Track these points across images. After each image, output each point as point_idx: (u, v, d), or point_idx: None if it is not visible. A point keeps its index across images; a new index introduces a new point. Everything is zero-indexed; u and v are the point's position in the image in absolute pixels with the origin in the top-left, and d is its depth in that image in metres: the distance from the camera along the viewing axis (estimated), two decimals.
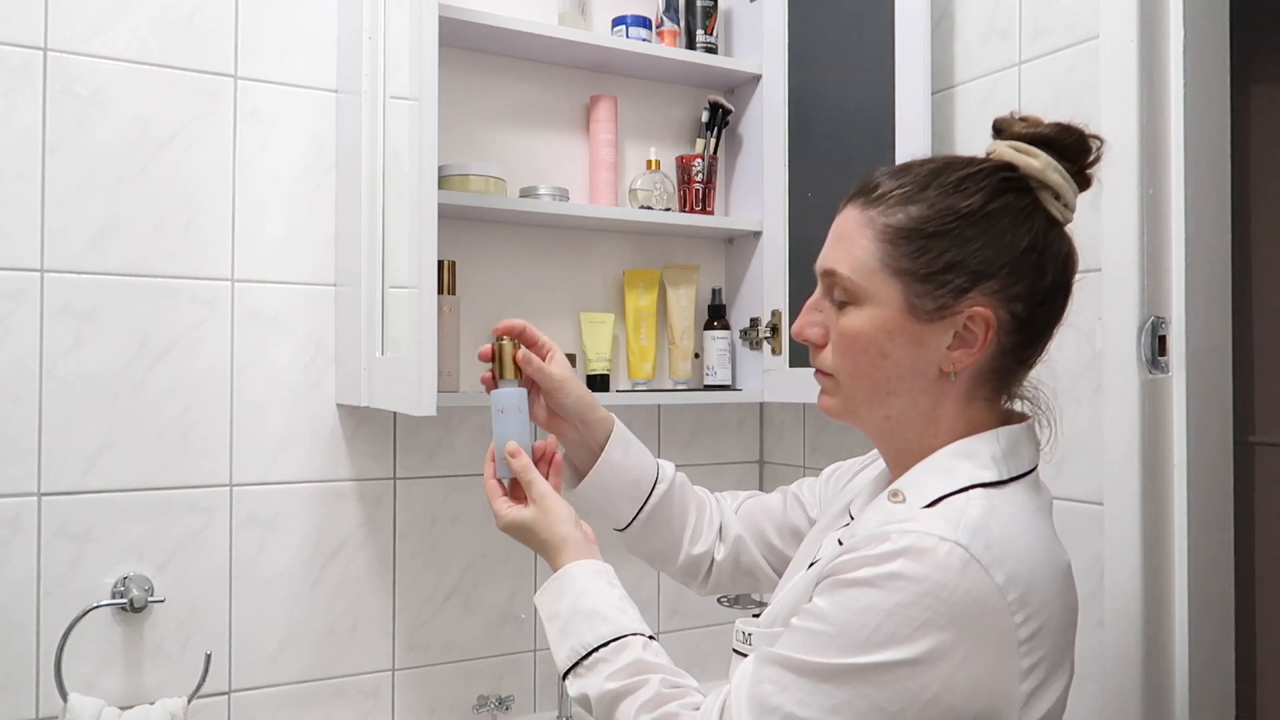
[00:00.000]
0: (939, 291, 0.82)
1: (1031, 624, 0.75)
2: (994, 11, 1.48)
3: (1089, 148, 0.86)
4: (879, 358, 0.85)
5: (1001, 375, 0.87)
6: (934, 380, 0.85)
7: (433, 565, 1.68)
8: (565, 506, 1.00)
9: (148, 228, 1.48)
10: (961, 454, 0.83)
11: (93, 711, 1.37)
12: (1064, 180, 0.84)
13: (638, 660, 0.86)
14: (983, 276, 0.82)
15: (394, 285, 1.42)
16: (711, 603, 1.89)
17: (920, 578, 0.73)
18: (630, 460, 1.10)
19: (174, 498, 1.50)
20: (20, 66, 1.40)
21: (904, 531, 0.76)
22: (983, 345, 0.83)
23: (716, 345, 1.84)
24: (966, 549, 0.74)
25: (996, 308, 0.83)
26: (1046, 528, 0.83)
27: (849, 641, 0.74)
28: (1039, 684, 0.76)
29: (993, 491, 0.81)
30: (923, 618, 0.73)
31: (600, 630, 0.89)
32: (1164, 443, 1.27)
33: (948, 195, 0.83)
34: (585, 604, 0.91)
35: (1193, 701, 1.25)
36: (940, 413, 0.86)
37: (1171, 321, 1.27)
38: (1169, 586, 1.26)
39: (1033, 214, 0.84)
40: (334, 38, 1.61)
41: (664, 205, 1.78)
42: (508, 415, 1.03)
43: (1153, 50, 1.27)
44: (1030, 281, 0.83)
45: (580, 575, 0.94)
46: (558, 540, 0.97)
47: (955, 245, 0.82)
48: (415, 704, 1.66)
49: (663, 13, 1.80)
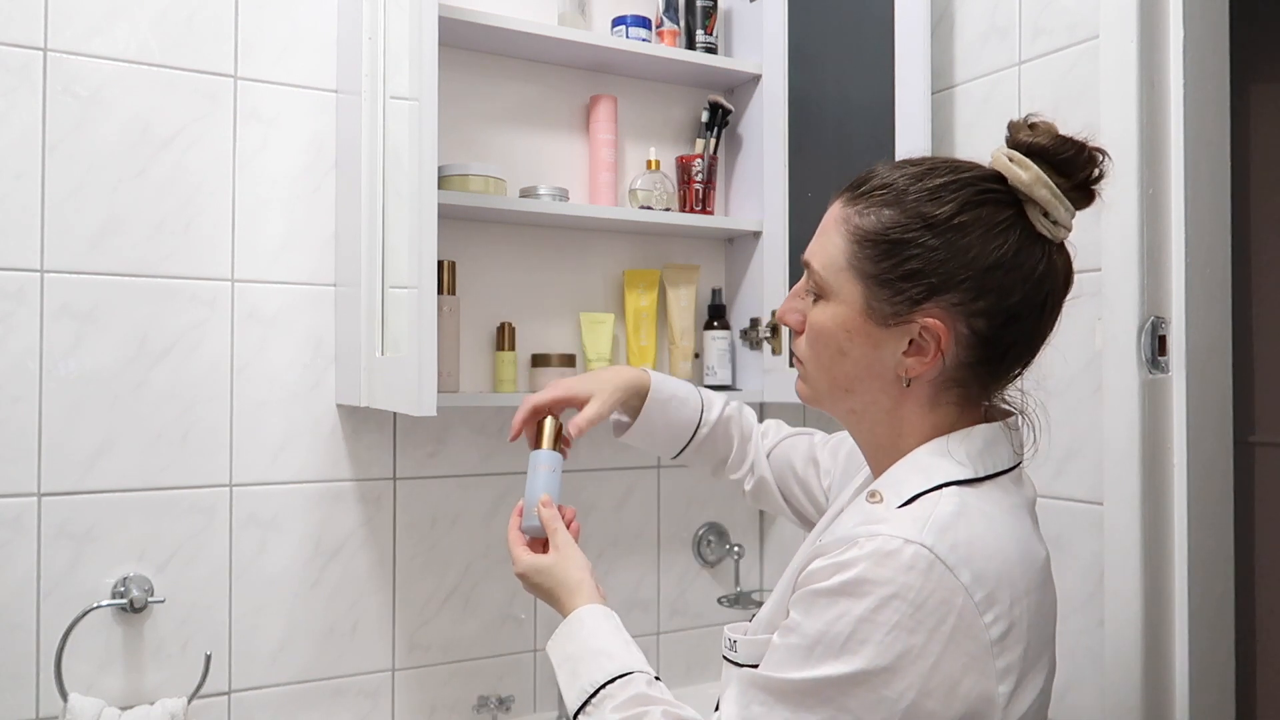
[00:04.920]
0: (896, 298, 0.82)
1: (1002, 623, 0.75)
2: (994, 11, 1.48)
3: (1086, 162, 0.82)
4: (838, 354, 0.86)
5: (969, 385, 0.85)
6: (892, 382, 0.85)
7: (433, 565, 1.68)
8: (583, 557, 1.03)
9: (148, 228, 1.48)
10: (937, 452, 0.83)
11: (93, 712, 1.38)
12: (1053, 196, 0.81)
13: (641, 694, 0.88)
14: (941, 289, 0.81)
15: (394, 285, 1.42)
16: (712, 603, 1.89)
17: (886, 581, 0.73)
18: (669, 417, 1.18)
19: (174, 498, 1.50)
20: (20, 66, 1.41)
21: (871, 535, 0.76)
22: (935, 357, 0.82)
23: (716, 345, 1.84)
24: (931, 550, 0.74)
25: (954, 321, 0.82)
26: (1021, 524, 0.82)
27: (824, 652, 0.75)
28: (1017, 683, 0.76)
29: (966, 489, 0.80)
30: (892, 621, 0.73)
31: (607, 667, 0.91)
32: (1164, 443, 1.27)
33: (922, 202, 0.82)
34: (594, 644, 0.94)
35: (1193, 701, 1.25)
36: (903, 414, 0.86)
37: (1171, 321, 1.27)
38: (1169, 586, 1.26)
39: (1010, 229, 0.81)
40: (334, 38, 1.61)
41: (664, 205, 1.78)
42: (541, 473, 1.08)
43: (1153, 50, 1.27)
44: (994, 299, 0.81)
45: (589, 618, 0.97)
46: (573, 584, 1.00)
47: (918, 254, 0.82)
48: (415, 704, 1.66)
49: (663, 13, 1.80)
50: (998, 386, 0.87)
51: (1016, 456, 0.86)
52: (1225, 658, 1.30)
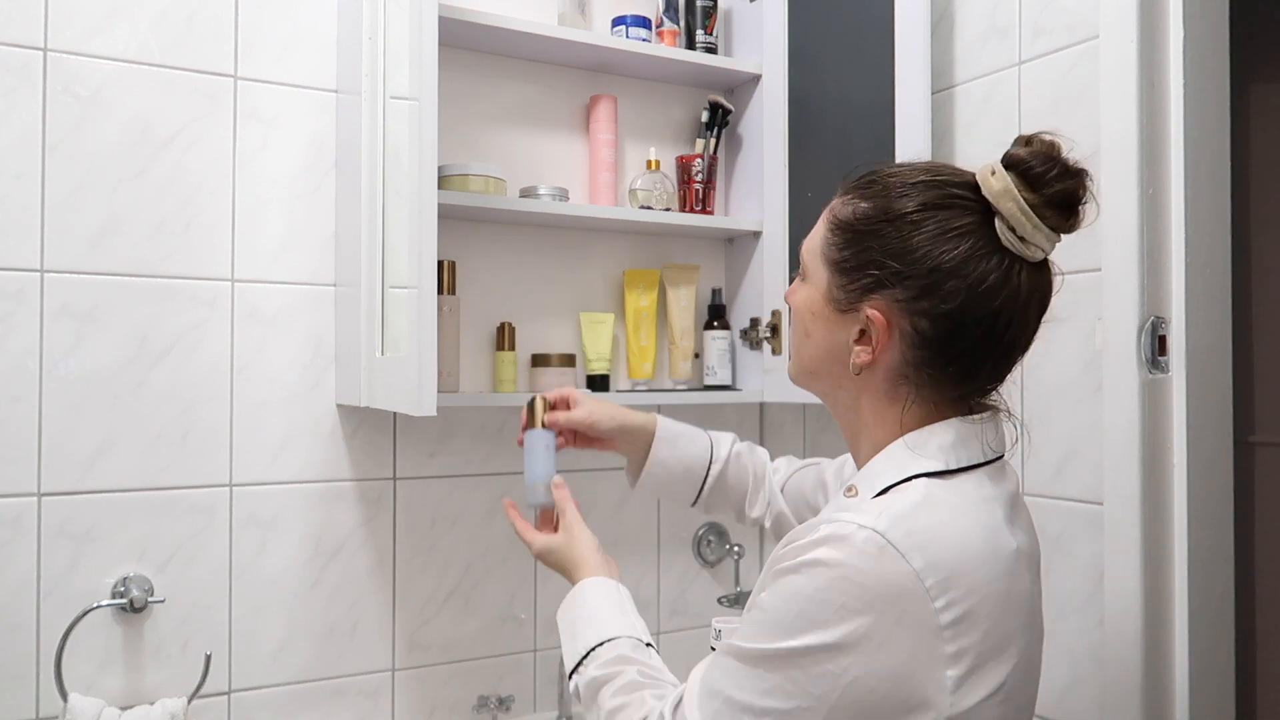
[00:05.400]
0: (850, 286, 0.86)
1: (955, 609, 0.76)
2: (994, 11, 1.48)
3: (1056, 179, 0.80)
4: (804, 335, 0.92)
5: (921, 384, 0.85)
6: (847, 368, 0.88)
7: (433, 565, 1.68)
8: (588, 534, 1.12)
9: (148, 228, 1.48)
10: (911, 445, 0.85)
11: (93, 712, 1.38)
12: (1019, 210, 0.80)
13: (621, 655, 0.96)
14: (888, 282, 0.84)
15: (394, 285, 1.42)
16: (712, 603, 1.89)
17: (836, 563, 0.77)
18: (679, 453, 1.24)
19: (174, 498, 1.50)
20: (20, 66, 1.41)
21: (830, 520, 0.80)
22: (879, 348, 0.85)
23: (716, 345, 1.84)
24: (883, 535, 0.77)
25: (898, 317, 0.84)
26: (991, 516, 0.82)
27: (777, 626, 0.79)
28: (969, 670, 0.77)
29: (935, 481, 0.82)
30: (839, 601, 0.76)
31: (599, 631, 0.99)
32: (1164, 443, 1.27)
33: (891, 198, 0.85)
34: (588, 613, 1.02)
35: (1193, 701, 1.25)
36: (863, 404, 0.89)
37: (1171, 321, 1.27)
38: (1169, 586, 1.26)
39: (965, 236, 0.81)
40: (334, 38, 1.61)
41: (664, 205, 1.78)
42: (540, 451, 1.21)
43: (1153, 50, 1.27)
44: (935, 301, 0.82)
45: (591, 589, 1.05)
46: (579, 558, 1.10)
47: (873, 245, 0.85)
48: (415, 704, 1.66)
49: (663, 13, 1.80)
50: (958, 391, 0.86)
51: (993, 451, 0.87)
52: (1225, 658, 1.30)
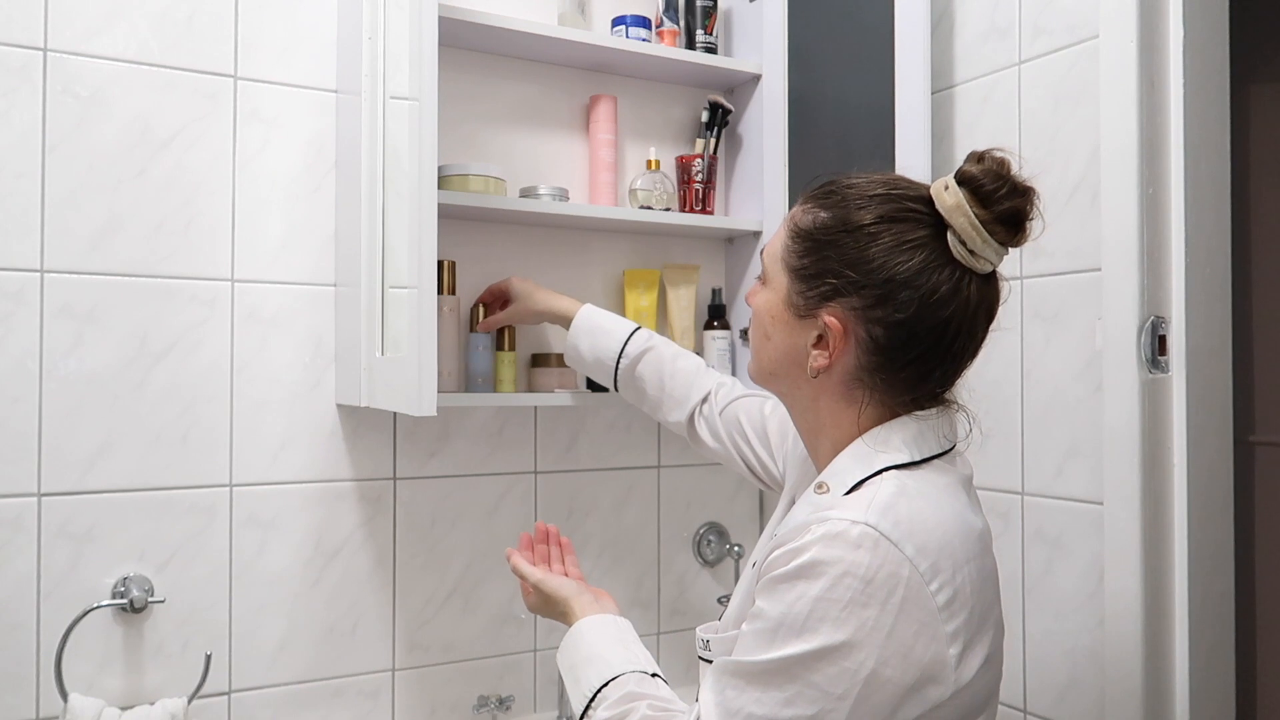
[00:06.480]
0: (809, 293, 0.90)
1: (947, 590, 0.80)
2: (994, 11, 1.48)
3: (1005, 197, 0.84)
4: (764, 338, 0.95)
5: (875, 389, 0.89)
6: (805, 371, 0.91)
7: (433, 565, 1.68)
8: (561, 579, 1.18)
9: (148, 228, 1.48)
10: (874, 441, 0.89)
11: (93, 712, 1.38)
12: (970, 226, 0.84)
13: (628, 692, 0.96)
14: (844, 291, 0.87)
15: (394, 285, 1.42)
16: (712, 603, 1.89)
17: (836, 561, 0.79)
18: (592, 343, 1.46)
19: (174, 498, 1.50)
20: (20, 67, 1.40)
21: (821, 520, 0.82)
22: (836, 353, 0.88)
23: (717, 345, 1.84)
24: (875, 528, 0.80)
25: (854, 324, 0.88)
26: (957, 499, 0.87)
27: (787, 632, 0.80)
28: (965, 645, 0.81)
29: (904, 472, 0.86)
30: (846, 598, 0.78)
31: (601, 671, 1.00)
32: (1164, 443, 1.27)
33: (849, 209, 0.88)
34: (586, 653, 1.04)
35: (1193, 701, 1.25)
36: (821, 405, 0.92)
37: (1171, 321, 1.27)
38: (1169, 586, 1.26)
39: (919, 249, 0.85)
40: (334, 38, 1.61)
41: (664, 205, 1.78)
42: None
43: (1153, 50, 1.27)
44: (890, 310, 0.86)
45: (586, 628, 1.08)
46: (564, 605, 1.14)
47: (831, 255, 0.88)
48: (415, 704, 1.66)
49: (662, 13, 1.80)
50: (910, 395, 0.90)
51: (948, 441, 0.91)
52: (1225, 658, 1.30)
